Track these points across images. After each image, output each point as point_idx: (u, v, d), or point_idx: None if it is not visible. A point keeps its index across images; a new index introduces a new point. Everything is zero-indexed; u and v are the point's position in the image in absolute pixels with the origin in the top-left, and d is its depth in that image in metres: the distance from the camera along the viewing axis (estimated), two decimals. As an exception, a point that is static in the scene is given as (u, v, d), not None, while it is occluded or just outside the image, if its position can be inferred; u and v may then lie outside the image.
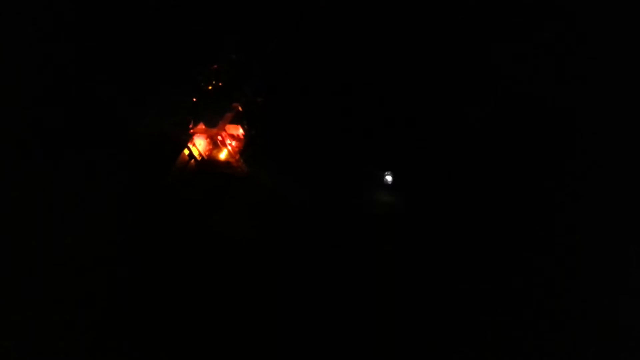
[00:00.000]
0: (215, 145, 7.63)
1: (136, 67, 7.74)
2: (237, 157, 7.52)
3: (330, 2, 8.01)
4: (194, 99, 7.58)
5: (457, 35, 8.03)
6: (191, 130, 7.46)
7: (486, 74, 7.99)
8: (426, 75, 7.98)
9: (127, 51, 7.86)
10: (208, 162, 7.58)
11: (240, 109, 7.57)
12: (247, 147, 7.57)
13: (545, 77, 7.87)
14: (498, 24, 8.03)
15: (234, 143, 7.58)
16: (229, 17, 8.16)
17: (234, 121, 7.54)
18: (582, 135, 7.68)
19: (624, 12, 7.87)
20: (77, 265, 6.98)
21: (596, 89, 7.72)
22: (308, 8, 7.95)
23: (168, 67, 7.83)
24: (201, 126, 7.47)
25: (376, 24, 8.05)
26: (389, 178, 7.91)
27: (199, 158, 7.55)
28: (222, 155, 7.59)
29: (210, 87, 7.63)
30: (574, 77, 7.83)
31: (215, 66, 7.71)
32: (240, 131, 7.59)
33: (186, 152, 7.44)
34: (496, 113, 7.85)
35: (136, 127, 7.30)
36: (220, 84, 7.64)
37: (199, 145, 7.53)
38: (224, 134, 7.45)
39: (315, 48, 8.00)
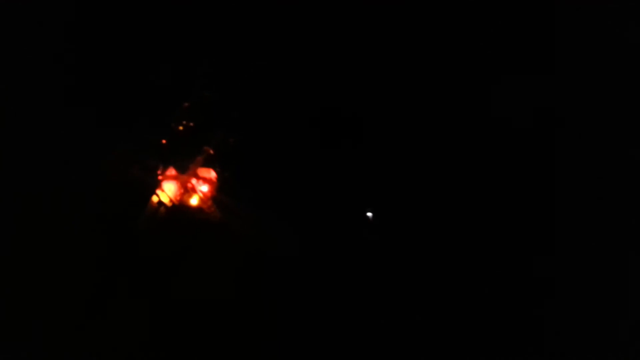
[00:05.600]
0: (185, 190, 7.18)
1: (100, 103, 7.19)
2: (210, 202, 7.10)
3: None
4: (164, 141, 7.16)
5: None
6: (160, 177, 7.03)
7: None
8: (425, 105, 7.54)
9: (93, 85, 7.29)
10: (178, 209, 7.12)
11: (211, 152, 7.17)
12: (220, 192, 7.15)
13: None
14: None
15: (205, 188, 7.15)
16: (202, 45, 7.59)
17: (206, 164, 7.14)
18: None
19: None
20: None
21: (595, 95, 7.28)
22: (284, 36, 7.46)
23: (136, 104, 7.31)
24: (171, 171, 7.05)
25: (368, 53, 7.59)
26: (369, 215, 7.53)
27: (169, 205, 7.08)
28: (194, 200, 7.15)
29: (181, 128, 7.22)
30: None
31: (187, 104, 7.29)
32: (213, 174, 7.17)
33: (155, 198, 6.98)
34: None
35: (100, 171, 6.78)
36: (191, 124, 7.23)
37: (168, 191, 7.07)
38: (195, 179, 7.06)
39: (292, 79, 7.56)
